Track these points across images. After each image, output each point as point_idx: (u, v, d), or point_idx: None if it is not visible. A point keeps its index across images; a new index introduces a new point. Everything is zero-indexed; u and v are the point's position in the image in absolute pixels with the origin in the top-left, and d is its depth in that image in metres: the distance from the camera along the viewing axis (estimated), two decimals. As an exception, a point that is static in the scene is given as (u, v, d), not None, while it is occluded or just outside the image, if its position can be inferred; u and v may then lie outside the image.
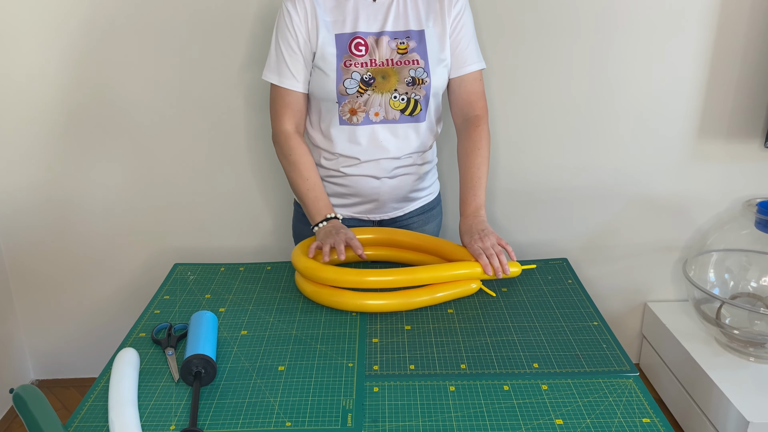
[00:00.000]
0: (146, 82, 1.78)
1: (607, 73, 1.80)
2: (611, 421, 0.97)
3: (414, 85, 1.38)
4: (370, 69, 1.37)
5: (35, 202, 1.91)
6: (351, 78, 1.36)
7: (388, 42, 1.38)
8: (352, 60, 1.36)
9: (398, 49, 1.38)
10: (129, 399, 1.00)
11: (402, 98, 1.39)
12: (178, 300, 1.34)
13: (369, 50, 1.37)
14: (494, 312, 1.27)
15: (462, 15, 1.42)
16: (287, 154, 1.42)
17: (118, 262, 2.00)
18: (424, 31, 1.39)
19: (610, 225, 1.98)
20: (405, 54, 1.38)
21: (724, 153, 1.88)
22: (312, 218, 1.40)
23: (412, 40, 1.38)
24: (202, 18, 1.72)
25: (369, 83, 1.37)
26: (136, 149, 1.86)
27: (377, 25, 1.38)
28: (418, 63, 1.38)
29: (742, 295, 1.85)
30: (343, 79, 1.36)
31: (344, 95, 1.37)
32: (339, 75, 1.36)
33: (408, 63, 1.38)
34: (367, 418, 0.99)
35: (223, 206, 1.94)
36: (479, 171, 1.43)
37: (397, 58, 1.38)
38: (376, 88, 1.37)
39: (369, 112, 1.39)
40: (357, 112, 1.39)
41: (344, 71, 1.35)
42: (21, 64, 1.75)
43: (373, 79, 1.37)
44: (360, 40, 1.37)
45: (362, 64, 1.36)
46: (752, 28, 1.74)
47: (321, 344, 1.17)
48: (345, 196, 1.49)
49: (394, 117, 1.40)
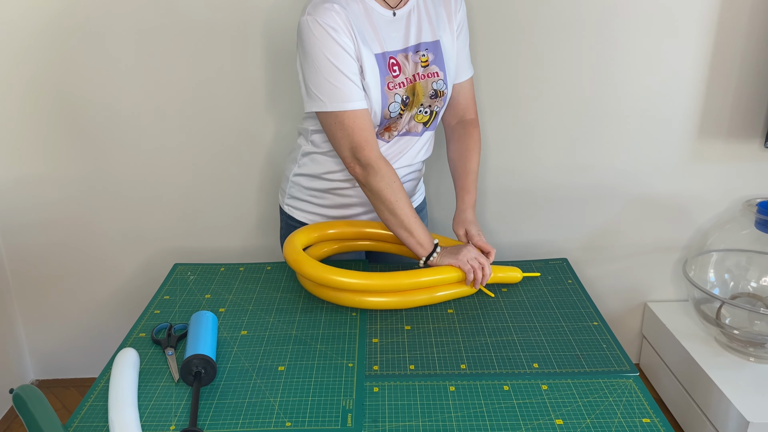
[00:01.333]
0: (146, 82, 1.78)
1: (607, 73, 1.80)
2: (611, 421, 0.97)
3: (436, 98, 1.35)
4: (406, 88, 1.30)
5: (35, 202, 1.91)
6: (395, 102, 1.29)
7: (412, 57, 1.31)
8: (394, 82, 1.28)
9: (421, 62, 1.32)
10: (129, 399, 1.00)
11: (425, 111, 1.36)
12: (178, 300, 1.34)
13: (402, 69, 1.29)
14: (494, 312, 1.27)
15: (464, 22, 1.41)
16: (391, 181, 1.27)
17: (118, 262, 2.00)
18: (439, 41, 1.35)
19: (610, 225, 1.98)
20: (427, 67, 1.32)
21: (724, 153, 1.88)
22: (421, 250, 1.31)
23: (431, 52, 1.33)
24: (202, 17, 1.72)
25: (406, 103, 1.31)
26: (137, 149, 1.86)
27: (402, 41, 1.30)
28: (438, 75, 1.34)
29: (742, 295, 1.85)
30: (389, 104, 1.28)
31: (387, 119, 1.31)
32: (384, 99, 1.27)
33: (430, 76, 1.33)
34: (367, 418, 0.99)
35: (223, 206, 1.94)
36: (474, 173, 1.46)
37: (422, 72, 1.32)
38: (409, 106, 1.32)
39: (399, 129, 1.35)
40: (391, 130, 1.35)
41: (388, 95, 1.27)
42: (20, 63, 1.75)
43: (408, 99, 1.31)
44: (394, 60, 1.28)
45: (400, 84, 1.28)
46: (752, 28, 1.74)
47: (321, 344, 1.17)
48: (348, 207, 1.45)
49: (417, 130, 1.38)
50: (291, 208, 1.49)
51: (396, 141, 1.38)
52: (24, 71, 1.76)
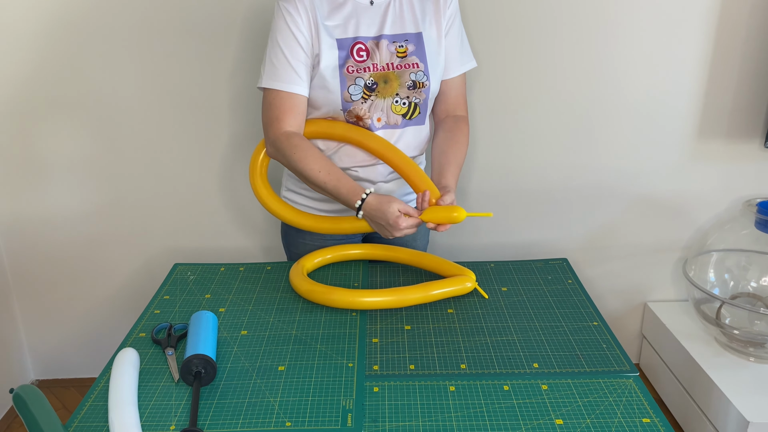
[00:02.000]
0: (146, 82, 1.78)
1: (607, 73, 1.80)
2: (611, 421, 0.97)
3: (415, 89, 1.38)
4: (373, 74, 1.35)
5: (35, 202, 1.91)
6: (355, 84, 1.34)
7: (387, 46, 1.36)
8: (355, 66, 1.34)
9: (398, 52, 1.36)
10: (129, 399, 1.00)
11: (403, 102, 1.38)
12: (178, 300, 1.34)
13: (370, 55, 1.35)
14: (494, 312, 1.27)
15: (455, 16, 1.42)
16: (291, 152, 1.32)
17: (118, 263, 2.00)
18: (421, 33, 1.38)
19: (610, 225, 1.98)
20: (404, 57, 1.37)
21: (724, 153, 1.88)
22: (342, 201, 1.33)
23: (411, 44, 1.37)
24: (204, 17, 1.72)
25: (372, 89, 1.35)
26: (137, 150, 1.86)
27: (375, 29, 1.36)
28: (418, 66, 1.37)
29: (742, 295, 1.85)
30: (348, 86, 1.34)
31: (349, 102, 1.35)
32: (343, 81, 1.33)
33: (408, 66, 1.37)
34: (367, 418, 0.99)
35: (223, 206, 1.94)
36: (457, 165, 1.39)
37: (398, 62, 1.36)
38: (379, 93, 1.36)
39: (372, 117, 1.37)
40: (363, 119, 1.37)
41: (348, 77, 1.33)
42: (17, 61, 1.75)
43: (376, 85, 1.35)
44: (361, 45, 1.35)
45: (365, 68, 1.34)
46: (752, 28, 1.74)
47: (321, 344, 1.17)
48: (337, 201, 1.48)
49: (396, 122, 1.39)
50: (289, 201, 1.53)
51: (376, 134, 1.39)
52: (22, 71, 1.76)
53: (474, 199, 1.93)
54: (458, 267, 1.36)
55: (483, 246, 1.99)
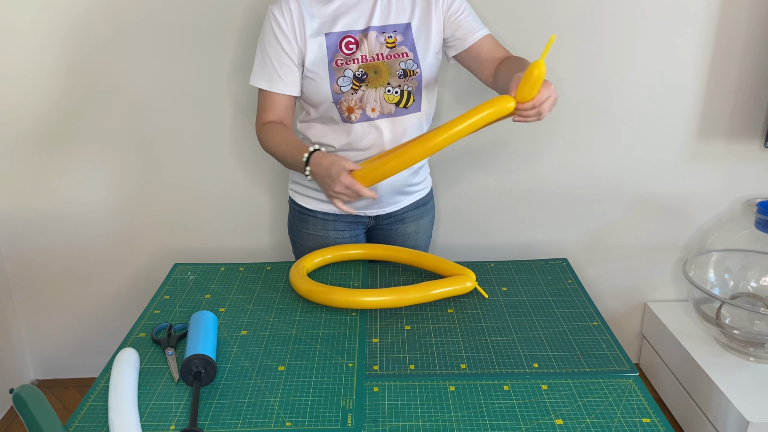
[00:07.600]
0: (145, 83, 1.78)
1: (607, 74, 1.80)
2: (611, 421, 0.97)
3: (405, 77, 1.39)
4: (362, 65, 1.37)
5: (35, 201, 1.91)
6: (344, 76, 1.36)
7: (376, 37, 1.38)
8: (344, 59, 1.36)
9: (387, 43, 1.38)
10: (129, 399, 1.00)
11: (395, 91, 1.39)
12: (178, 300, 1.34)
13: (359, 47, 1.37)
14: (494, 312, 1.27)
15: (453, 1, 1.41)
16: (263, 135, 1.40)
17: (118, 262, 2.00)
18: (410, 24, 1.40)
19: (610, 225, 1.98)
20: (394, 48, 1.39)
21: (724, 153, 1.88)
22: (297, 166, 1.35)
23: (399, 34, 1.39)
24: (209, 17, 1.72)
25: (362, 79, 1.37)
26: (137, 150, 1.86)
27: (363, 22, 1.38)
28: (407, 55, 1.39)
29: (742, 295, 1.85)
30: (336, 78, 1.36)
31: (339, 94, 1.37)
32: (332, 75, 1.36)
33: (398, 56, 1.39)
34: (367, 418, 0.99)
35: (223, 206, 1.94)
36: None
37: (387, 52, 1.38)
38: (369, 83, 1.38)
39: (365, 108, 1.39)
40: (354, 110, 1.39)
41: (336, 70, 1.36)
42: (18, 65, 1.75)
43: (366, 75, 1.37)
44: (350, 39, 1.37)
45: (354, 60, 1.37)
46: (752, 28, 1.74)
47: (321, 344, 1.17)
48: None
49: (390, 111, 1.41)
50: (293, 192, 1.56)
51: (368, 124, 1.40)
52: (21, 74, 1.76)
53: (474, 199, 1.94)
54: (458, 267, 1.36)
55: (483, 246, 1.99)
